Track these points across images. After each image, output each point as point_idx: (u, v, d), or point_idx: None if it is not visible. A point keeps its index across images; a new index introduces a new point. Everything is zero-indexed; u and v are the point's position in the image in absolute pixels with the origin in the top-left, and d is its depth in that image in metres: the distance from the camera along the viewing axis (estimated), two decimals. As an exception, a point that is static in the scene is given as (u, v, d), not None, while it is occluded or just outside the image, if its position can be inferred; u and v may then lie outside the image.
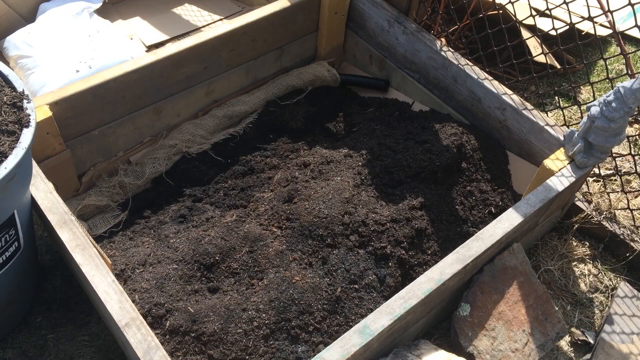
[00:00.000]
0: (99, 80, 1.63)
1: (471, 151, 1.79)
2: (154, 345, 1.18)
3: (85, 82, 1.61)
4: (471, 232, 1.67)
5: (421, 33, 1.96)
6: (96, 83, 1.62)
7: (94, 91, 1.63)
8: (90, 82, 1.62)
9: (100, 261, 1.27)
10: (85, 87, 1.60)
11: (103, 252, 1.33)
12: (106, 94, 1.66)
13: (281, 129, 2.00)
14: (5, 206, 1.24)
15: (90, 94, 1.62)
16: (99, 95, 1.64)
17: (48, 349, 1.55)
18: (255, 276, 1.50)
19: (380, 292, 1.51)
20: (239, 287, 1.47)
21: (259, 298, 1.42)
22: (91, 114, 1.67)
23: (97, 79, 1.63)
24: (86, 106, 1.64)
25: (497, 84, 1.84)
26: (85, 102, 1.63)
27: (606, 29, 2.52)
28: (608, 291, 1.81)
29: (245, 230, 1.57)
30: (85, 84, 1.61)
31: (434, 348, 1.45)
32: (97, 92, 1.63)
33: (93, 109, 1.66)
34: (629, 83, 1.44)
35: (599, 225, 1.89)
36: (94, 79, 1.63)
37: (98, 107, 1.67)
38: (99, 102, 1.66)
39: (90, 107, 1.65)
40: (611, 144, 1.55)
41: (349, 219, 1.56)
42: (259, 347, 1.35)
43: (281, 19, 1.97)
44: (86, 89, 1.60)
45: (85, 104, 1.63)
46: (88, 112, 1.66)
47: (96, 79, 1.63)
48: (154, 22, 2.34)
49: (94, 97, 1.64)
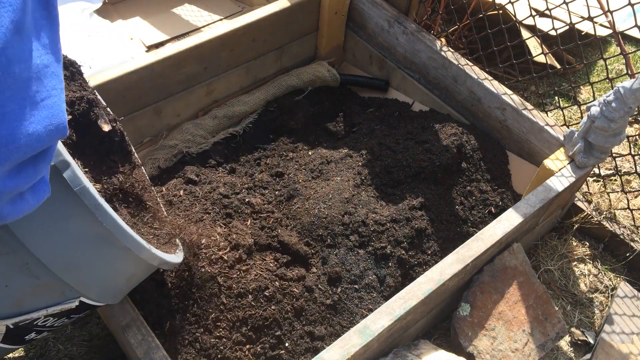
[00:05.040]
0: (99, 81, 1.62)
1: (471, 151, 1.79)
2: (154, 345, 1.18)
3: (85, 82, 1.61)
4: (471, 232, 1.68)
5: (421, 33, 1.96)
6: (96, 83, 1.62)
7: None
8: (90, 83, 1.62)
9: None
10: (85, 87, 1.60)
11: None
12: (106, 94, 1.66)
13: (281, 129, 2.00)
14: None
15: (90, 94, 1.62)
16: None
17: (48, 349, 1.55)
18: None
19: (380, 292, 1.51)
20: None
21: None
22: (91, 114, 1.67)
23: (97, 79, 1.63)
24: (86, 106, 1.64)
25: (497, 84, 1.84)
26: (85, 102, 1.63)
27: (606, 29, 2.52)
28: (608, 291, 1.81)
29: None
30: (85, 84, 1.61)
31: (433, 348, 1.46)
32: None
33: (93, 109, 1.66)
34: (629, 83, 1.44)
35: (599, 225, 1.89)
36: (94, 79, 1.63)
37: (98, 107, 1.67)
38: (99, 102, 1.66)
39: (90, 107, 1.65)
40: (611, 144, 1.55)
41: (349, 219, 1.57)
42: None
43: (281, 19, 1.97)
44: (86, 89, 1.60)
45: (85, 104, 1.63)
46: (88, 112, 1.66)
47: (96, 79, 1.63)
48: (154, 22, 2.34)
49: (94, 97, 1.64)
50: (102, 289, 1.10)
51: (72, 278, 1.01)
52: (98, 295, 1.08)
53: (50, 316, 1.04)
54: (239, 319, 1.38)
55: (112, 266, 1.08)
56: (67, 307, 1.04)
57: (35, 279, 0.97)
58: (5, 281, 0.95)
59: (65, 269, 0.99)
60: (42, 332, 1.07)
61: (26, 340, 1.07)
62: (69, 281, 1.01)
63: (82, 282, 1.04)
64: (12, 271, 0.95)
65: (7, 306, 0.98)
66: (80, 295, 1.05)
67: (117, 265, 1.08)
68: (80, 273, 1.02)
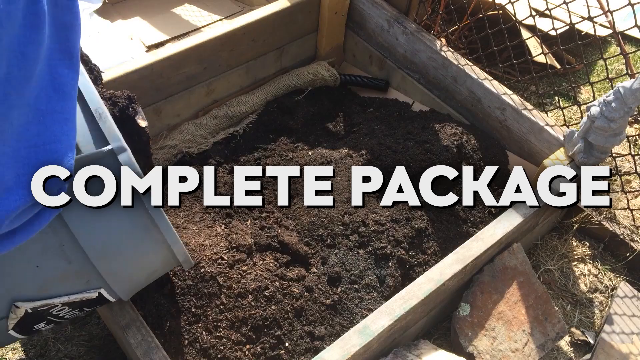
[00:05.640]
0: (99, 81, 1.63)
1: (471, 151, 1.79)
2: (154, 345, 1.18)
3: (85, 83, 1.61)
4: (471, 232, 1.67)
5: (421, 33, 1.96)
6: (96, 83, 1.62)
7: (94, 91, 1.63)
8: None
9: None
10: (85, 87, 1.60)
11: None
12: (106, 94, 1.66)
13: (281, 129, 2.00)
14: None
15: (90, 94, 1.62)
16: (99, 96, 1.64)
17: (48, 349, 1.55)
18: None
19: (380, 292, 1.51)
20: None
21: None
22: (91, 114, 1.67)
23: (97, 79, 1.63)
24: (86, 106, 1.64)
25: (497, 84, 1.84)
26: (85, 103, 1.63)
27: (606, 29, 2.52)
28: (608, 291, 1.81)
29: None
30: (85, 84, 1.61)
31: (433, 348, 1.46)
32: (97, 92, 1.63)
33: (93, 109, 1.66)
34: (629, 83, 1.44)
35: (599, 225, 1.89)
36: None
37: (98, 107, 1.67)
38: (99, 102, 1.66)
39: (90, 108, 1.65)
40: (611, 144, 1.55)
41: (349, 219, 1.57)
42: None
43: (281, 19, 1.97)
44: (86, 89, 1.60)
45: (85, 104, 1.63)
46: (88, 113, 1.66)
47: (96, 79, 1.63)
48: (154, 22, 2.34)
49: (94, 97, 1.64)
50: (126, 281, 1.10)
51: (104, 266, 1.01)
52: (120, 287, 1.08)
53: (67, 305, 1.03)
54: (239, 319, 1.38)
55: (143, 258, 1.08)
56: (87, 297, 1.04)
57: (67, 263, 0.97)
58: (38, 261, 0.95)
59: (100, 255, 0.99)
60: (51, 322, 1.07)
61: (34, 330, 1.06)
62: (100, 268, 1.00)
63: (112, 271, 1.04)
64: (46, 251, 0.95)
65: (33, 289, 0.98)
66: (103, 286, 1.05)
67: (147, 257, 1.08)
68: (112, 262, 1.02)
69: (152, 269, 1.13)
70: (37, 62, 0.62)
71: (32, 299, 0.99)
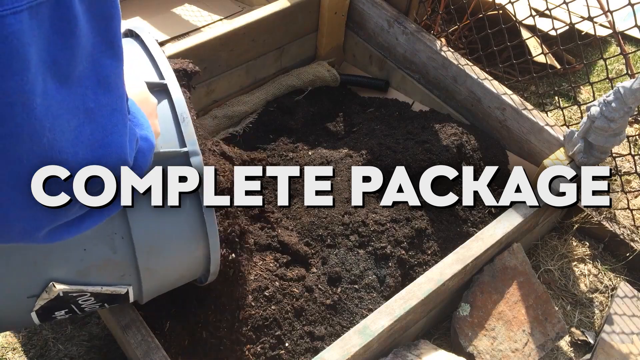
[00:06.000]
0: (99, 81, 1.62)
1: (471, 151, 1.79)
2: (154, 345, 1.18)
3: (85, 82, 1.61)
4: (471, 232, 1.67)
5: (421, 33, 1.96)
6: (96, 83, 1.62)
7: (94, 91, 1.62)
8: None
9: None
10: (85, 87, 1.60)
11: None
12: (106, 94, 1.66)
13: (281, 129, 2.00)
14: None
15: (90, 94, 1.62)
16: (99, 96, 1.64)
17: (48, 349, 1.55)
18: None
19: (380, 292, 1.51)
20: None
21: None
22: (91, 114, 1.66)
23: (97, 79, 1.63)
24: (86, 106, 1.63)
25: (497, 84, 1.84)
26: (85, 102, 1.62)
27: (606, 29, 2.52)
28: (608, 291, 1.81)
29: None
30: (85, 84, 1.61)
31: (433, 348, 1.46)
32: (97, 92, 1.63)
33: (93, 109, 1.66)
34: (629, 83, 1.44)
35: (599, 225, 1.89)
36: (94, 79, 1.63)
37: (98, 107, 1.66)
38: (99, 102, 1.66)
39: (90, 107, 1.65)
40: (611, 144, 1.55)
41: (349, 219, 1.57)
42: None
43: (281, 19, 1.97)
44: (86, 89, 1.60)
45: (85, 104, 1.63)
46: (88, 112, 1.65)
47: (96, 79, 1.63)
48: (154, 22, 2.34)
49: (94, 97, 1.63)
50: (158, 281, 1.11)
51: (145, 261, 1.02)
52: (149, 286, 1.09)
53: (94, 296, 1.03)
54: (238, 319, 1.38)
55: (182, 261, 1.09)
56: (116, 291, 1.04)
57: (112, 252, 0.98)
58: (86, 245, 0.96)
59: (146, 250, 1.00)
60: (70, 312, 1.06)
61: (52, 317, 1.06)
62: (142, 263, 1.01)
63: (150, 269, 1.04)
64: (98, 237, 0.96)
65: (73, 272, 0.98)
66: (134, 283, 1.05)
67: (185, 261, 1.10)
68: (154, 258, 1.03)
69: (182, 273, 1.14)
70: (75, 65, 0.62)
71: (69, 282, 0.98)
